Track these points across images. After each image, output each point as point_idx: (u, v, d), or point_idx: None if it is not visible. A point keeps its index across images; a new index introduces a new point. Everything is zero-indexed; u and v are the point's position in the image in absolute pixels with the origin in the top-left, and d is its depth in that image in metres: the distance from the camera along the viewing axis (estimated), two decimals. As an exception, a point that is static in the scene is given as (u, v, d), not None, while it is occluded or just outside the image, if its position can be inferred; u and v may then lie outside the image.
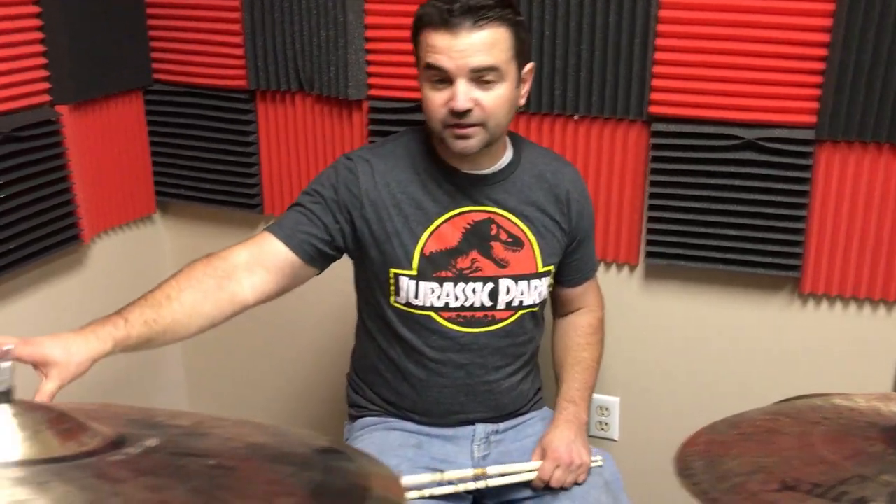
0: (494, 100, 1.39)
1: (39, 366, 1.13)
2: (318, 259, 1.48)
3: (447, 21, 1.35)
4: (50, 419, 0.56)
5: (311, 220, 1.47)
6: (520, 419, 1.65)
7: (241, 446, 0.63)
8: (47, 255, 1.89)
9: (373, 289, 1.55)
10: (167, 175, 2.24)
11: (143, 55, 2.11)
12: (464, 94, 1.37)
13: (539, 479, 1.52)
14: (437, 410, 1.59)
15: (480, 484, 1.50)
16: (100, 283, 2.10)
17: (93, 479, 0.50)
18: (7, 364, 0.56)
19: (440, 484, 1.47)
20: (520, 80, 1.44)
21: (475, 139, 1.41)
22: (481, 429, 1.60)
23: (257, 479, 0.56)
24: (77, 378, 1.15)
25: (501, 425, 1.62)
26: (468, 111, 1.38)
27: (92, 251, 2.09)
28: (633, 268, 1.94)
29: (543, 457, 1.53)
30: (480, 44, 1.35)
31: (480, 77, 1.37)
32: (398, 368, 1.58)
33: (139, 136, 2.18)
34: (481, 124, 1.40)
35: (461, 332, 1.53)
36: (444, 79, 1.38)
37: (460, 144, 1.42)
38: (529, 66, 1.47)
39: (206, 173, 2.19)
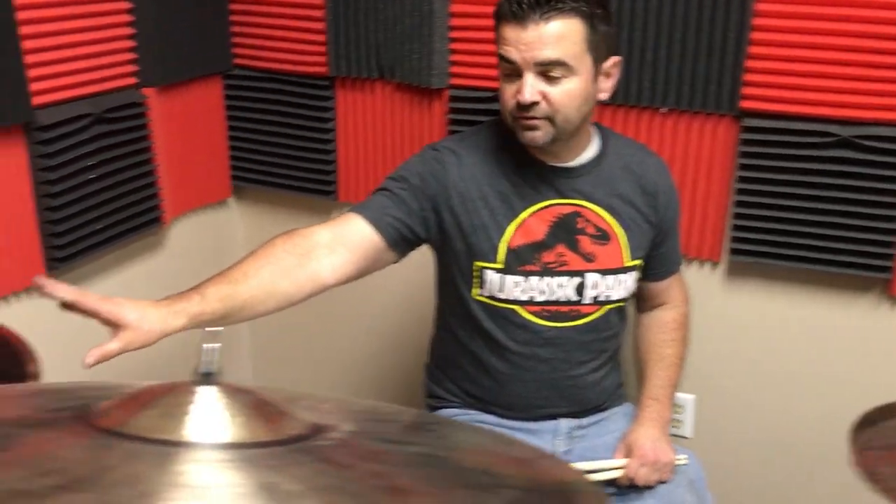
0: (562, 94, 1.36)
1: (111, 325, 1.13)
2: (401, 244, 1.47)
3: (516, 13, 1.34)
4: (254, 403, 0.55)
5: (398, 204, 1.46)
6: (602, 414, 1.63)
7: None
8: (131, 235, 1.91)
9: (456, 281, 1.54)
10: (243, 160, 2.25)
11: (224, 40, 2.12)
12: (530, 87, 1.35)
13: (625, 477, 1.50)
14: (519, 405, 1.58)
15: None
16: (176, 266, 2.12)
17: (321, 464, 0.50)
18: (216, 345, 0.56)
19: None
20: (598, 74, 1.41)
21: (541, 131, 1.39)
22: (564, 424, 1.59)
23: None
24: (142, 347, 1.14)
25: (584, 420, 1.61)
26: (534, 104, 1.36)
27: (170, 233, 2.11)
28: (714, 265, 1.91)
29: (628, 455, 1.51)
30: (548, 37, 1.33)
31: (547, 71, 1.35)
32: (480, 362, 1.57)
33: (218, 121, 2.19)
34: (547, 118, 1.38)
35: (546, 326, 1.52)
36: (515, 71, 1.37)
37: (528, 135, 1.41)
38: (613, 59, 1.43)
39: (282, 159, 2.20)
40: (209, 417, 0.52)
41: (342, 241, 1.41)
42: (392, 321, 2.27)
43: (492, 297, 1.50)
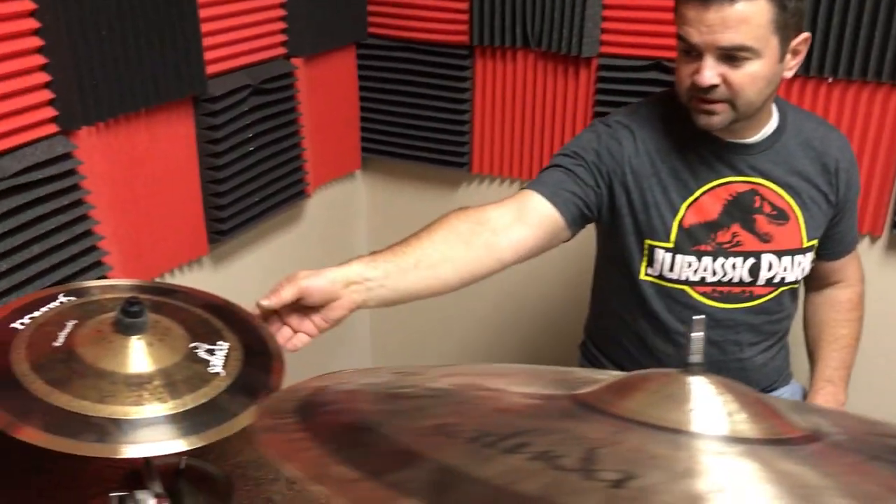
0: (744, 77, 1.30)
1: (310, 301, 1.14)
2: (578, 221, 1.44)
3: None
4: (751, 399, 0.53)
5: (575, 181, 1.43)
6: (769, 395, 1.60)
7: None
8: (280, 208, 1.90)
9: (623, 259, 1.50)
10: (373, 131, 2.23)
11: (361, 9, 2.08)
12: (709, 69, 1.29)
13: None
14: None
15: None
16: (313, 238, 2.10)
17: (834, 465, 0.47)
18: (700, 334, 0.53)
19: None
20: (785, 53, 1.34)
21: (719, 116, 1.34)
22: None
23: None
24: (321, 292, 1.14)
25: None
26: (713, 87, 1.30)
27: (308, 205, 2.09)
28: (874, 238, 1.87)
29: None
30: (732, 20, 1.25)
31: (729, 54, 1.29)
32: (645, 343, 1.54)
33: (351, 91, 2.16)
34: (727, 101, 1.32)
35: (716, 307, 1.48)
36: (693, 49, 1.31)
37: (703, 120, 1.35)
38: (802, 36, 1.35)
39: (413, 129, 2.17)
40: (708, 408, 0.50)
41: (520, 217, 1.37)
42: (544, 301, 2.25)
43: (661, 277, 1.47)
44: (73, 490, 1.14)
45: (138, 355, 0.98)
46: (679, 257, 1.44)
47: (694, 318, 0.57)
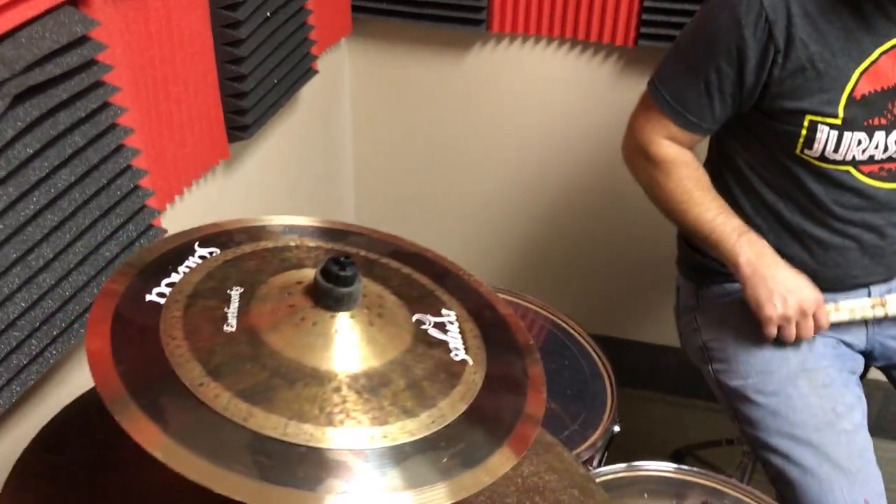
0: None
1: None
2: None
3: None
4: None
5: (721, 103, 1.25)
6: None
7: None
8: (294, 89, 1.53)
9: (772, 137, 1.27)
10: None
11: None
12: None
13: None
14: (831, 277, 1.35)
15: (879, 312, 1.32)
16: (315, 120, 1.75)
17: None
18: None
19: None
20: None
21: None
22: (875, 291, 1.39)
23: None
24: None
25: (894, 283, 1.42)
26: None
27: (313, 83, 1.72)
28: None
29: None
30: None
31: None
32: (790, 226, 1.33)
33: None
34: None
35: (882, 188, 1.27)
36: None
37: None
38: None
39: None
40: None
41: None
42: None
43: (822, 158, 1.25)
44: None
45: (357, 342, 0.68)
46: (847, 135, 1.21)
47: None
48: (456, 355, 0.70)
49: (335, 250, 0.79)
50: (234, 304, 0.68)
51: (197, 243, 0.76)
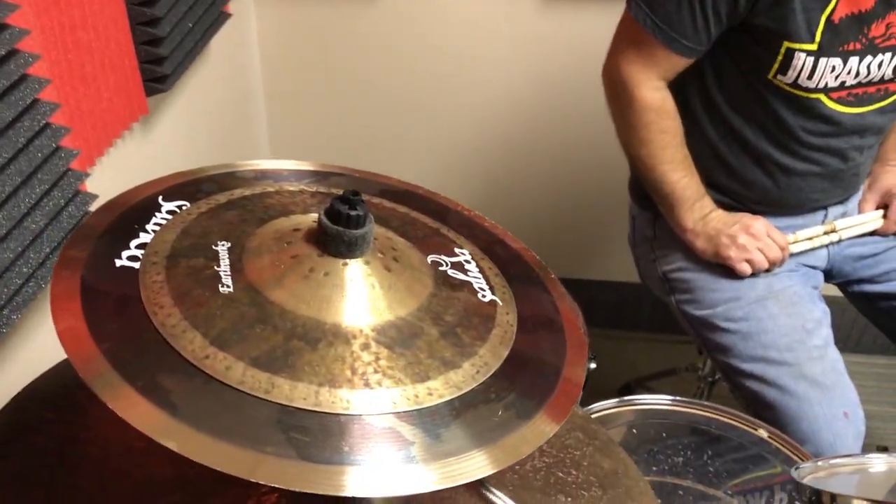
0: None
1: None
2: None
3: None
4: None
5: (714, 22, 1.17)
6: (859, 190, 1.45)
7: None
8: (208, 34, 1.39)
9: (745, 60, 1.23)
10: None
11: None
12: None
13: (888, 225, 1.37)
14: (792, 201, 1.34)
15: (834, 238, 1.35)
16: (223, 70, 1.61)
17: None
18: None
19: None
20: None
21: None
22: (832, 213, 1.39)
23: None
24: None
25: (850, 204, 1.42)
26: None
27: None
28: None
29: (886, 202, 1.38)
30: None
31: None
32: (754, 152, 1.30)
33: None
34: None
35: (848, 113, 1.25)
36: None
37: None
38: None
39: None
40: None
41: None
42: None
43: (794, 85, 1.21)
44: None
45: (378, 291, 0.59)
46: (823, 61, 1.17)
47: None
48: (483, 296, 0.62)
49: (322, 193, 0.70)
50: (225, 261, 0.58)
51: (161, 197, 0.65)
